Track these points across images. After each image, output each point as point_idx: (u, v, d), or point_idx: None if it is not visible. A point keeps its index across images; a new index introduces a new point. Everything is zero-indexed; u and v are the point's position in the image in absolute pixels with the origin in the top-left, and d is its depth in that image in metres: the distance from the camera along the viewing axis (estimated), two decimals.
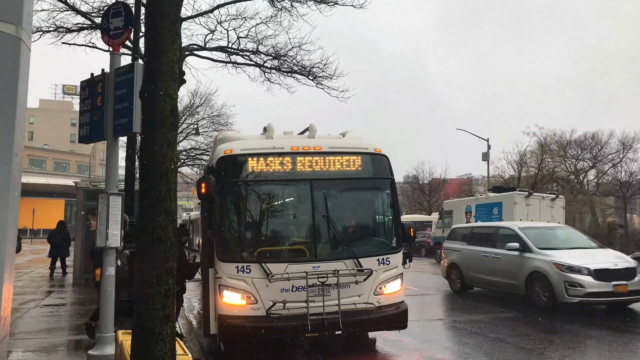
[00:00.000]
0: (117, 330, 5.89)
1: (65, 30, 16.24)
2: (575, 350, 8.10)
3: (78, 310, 10.96)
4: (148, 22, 4.36)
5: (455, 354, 7.73)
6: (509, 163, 42.13)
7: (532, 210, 21.79)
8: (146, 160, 4.17)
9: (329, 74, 17.16)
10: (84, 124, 6.71)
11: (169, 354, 4.05)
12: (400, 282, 7.60)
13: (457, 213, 26.86)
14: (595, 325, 9.80)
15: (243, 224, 7.61)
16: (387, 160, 7.84)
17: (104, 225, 6.19)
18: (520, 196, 22.12)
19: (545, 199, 22.77)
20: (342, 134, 8.61)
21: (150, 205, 4.11)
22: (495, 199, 24.07)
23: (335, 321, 6.80)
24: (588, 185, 44.34)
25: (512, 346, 8.03)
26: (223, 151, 7.39)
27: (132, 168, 10.47)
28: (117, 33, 6.50)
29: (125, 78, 6.17)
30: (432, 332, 9.32)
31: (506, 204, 22.70)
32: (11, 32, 2.57)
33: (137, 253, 4.37)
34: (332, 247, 7.49)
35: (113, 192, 6.29)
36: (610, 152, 41.80)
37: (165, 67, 4.16)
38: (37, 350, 7.56)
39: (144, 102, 4.23)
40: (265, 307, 6.83)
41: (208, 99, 33.15)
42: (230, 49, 17.54)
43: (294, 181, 7.56)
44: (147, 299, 4.02)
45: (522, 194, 22.33)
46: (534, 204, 22.03)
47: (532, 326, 9.72)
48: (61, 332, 8.87)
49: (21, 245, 11.87)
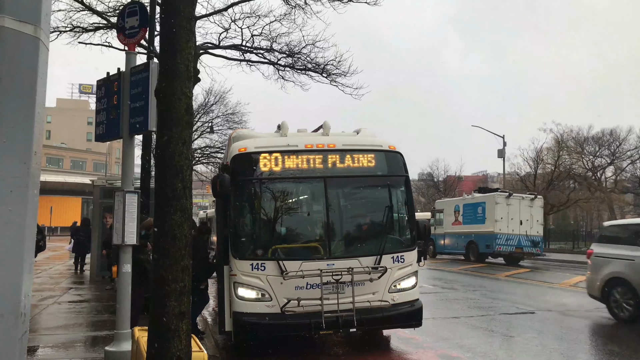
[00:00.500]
0: (134, 327, 5.95)
1: (82, 29, 16.44)
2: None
3: (95, 307, 11.10)
4: (163, 21, 4.38)
5: (470, 352, 7.69)
6: (525, 160, 41.72)
7: (512, 209, 23.53)
8: (162, 158, 4.20)
9: (343, 71, 17.15)
10: (100, 123, 6.78)
11: (184, 351, 4.08)
12: (415, 280, 7.57)
13: (447, 212, 27.91)
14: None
15: (257, 221, 7.63)
16: (402, 157, 7.81)
17: (120, 223, 6.25)
18: (502, 196, 23.88)
19: (525, 199, 24.28)
20: (356, 131, 8.58)
21: (165, 203, 4.14)
22: (479, 199, 25.47)
23: (349, 319, 6.80)
24: (606, 182, 43.78)
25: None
26: (237, 149, 7.42)
27: (147, 166, 10.55)
28: (133, 32, 6.55)
29: (141, 77, 6.22)
30: (446, 330, 9.27)
31: (489, 204, 24.29)
32: (30, 32, 2.60)
33: (152, 250, 4.41)
34: (346, 244, 7.49)
35: (129, 190, 6.35)
36: (629, 148, 41.31)
37: (180, 66, 4.19)
38: (56, 346, 7.66)
39: (160, 100, 4.26)
40: (279, 304, 6.85)
41: (222, 97, 33.25)
42: (244, 47, 17.59)
43: (308, 179, 7.57)
44: (163, 296, 4.05)
45: (503, 195, 24.10)
46: (514, 203, 23.69)
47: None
48: (79, 328, 8.98)
49: (46, 243, 12.10)
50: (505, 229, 23.59)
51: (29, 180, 2.59)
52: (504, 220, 23.63)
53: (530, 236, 23.68)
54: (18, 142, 2.54)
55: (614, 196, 40.51)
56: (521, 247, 23.48)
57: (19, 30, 2.57)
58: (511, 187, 43.61)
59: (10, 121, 2.52)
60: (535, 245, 23.84)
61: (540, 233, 24.32)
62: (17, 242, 2.54)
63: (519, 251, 23.64)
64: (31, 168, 2.60)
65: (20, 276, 2.54)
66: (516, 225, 23.45)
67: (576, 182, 41.66)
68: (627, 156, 41.73)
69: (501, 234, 23.53)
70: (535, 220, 23.86)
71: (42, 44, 2.68)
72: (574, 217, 49.41)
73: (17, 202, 2.53)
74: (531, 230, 23.76)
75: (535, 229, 23.89)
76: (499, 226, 23.53)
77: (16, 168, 2.53)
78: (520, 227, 23.49)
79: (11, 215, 2.50)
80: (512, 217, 23.23)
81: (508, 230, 23.60)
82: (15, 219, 2.52)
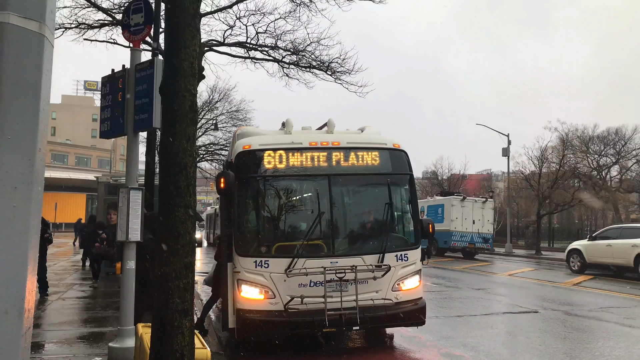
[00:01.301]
0: (137, 323, 5.97)
1: (87, 26, 16.45)
2: None
3: (99, 303, 11.14)
4: (168, 18, 4.37)
5: (473, 350, 7.68)
6: (530, 159, 41.42)
7: (466, 211, 27.47)
8: (166, 155, 4.20)
9: (348, 69, 17.14)
10: (105, 120, 6.79)
11: (187, 347, 4.08)
12: (418, 278, 7.56)
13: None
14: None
15: (261, 218, 7.64)
16: (406, 155, 7.80)
17: (124, 220, 6.27)
18: (457, 199, 27.68)
19: (477, 202, 28.44)
20: (360, 129, 8.57)
21: (169, 199, 4.14)
22: (439, 202, 29.23)
23: (352, 317, 6.80)
24: (611, 181, 43.53)
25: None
26: (242, 146, 7.42)
27: (152, 163, 10.56)
28: (138, 29, 6.56)
29: (146, 74, 6.23)
30: (449, 329, 9.26)
31: (446, 206, 27.95)
32: (35, 29, 2.61)
33: (156, 247, 4.42)
34: (350, 242, 7.48)
35: (133, 186, 6.36)
36: (635, 147, 41.04)
37: (185, 63, 4.18)
38: (60, 342, 7.70)
39: (164, 97, 4.26)
40: (283, 301, 6.86)
41: (227, 95, 33.36)
42: (249, 45, 17.58)
43: (312, 176, 7.56)
44: (167, 293, 4.06)
45: (458, 198, 27.99)
46: (467, 205, 27.69)
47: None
48: (83, 325, 9.02)
49: (52, 236, 12.33)
50: (460, 228, 27.44)
51: (34, 177, 2.59)
52: (458, 220, 27.47)
53: (481, 234, 27.65)
54: (22, 138, 2.54)
55: (619, 195, 40.29)
56: (473, 243, 27.40)
57: (24, 27, 2.57)
58: (515, 185, 43.55)
59: (15, 117, 2.53)
60: (486, 242, 27.86)
61: (490, 231, 28.28)
62: (22, 238, 2.54)
63: (471, 246, 27.46)
64: (35, 164, 2.60)
65: (25, 272, 2.55)
66: (469, 224, 27.36)
67: (581, 182, 41.47)
68: (632, 155, 41.47)
69: (456, 231, 27.40)
70: (486, 220, 27.89)
71: (46, 40, 2.68)
72: (579, 216, 49.22)
73: (22, 198, 2.53)
74: (482, 229, 27.72)
75: (486, 228, 27.89)
76: (454, 225, 27.37)
77: (20, 164, 2.53)
78: (472, 226, 27.43)
79: (15, 211, 2.50)
80: (465, 217, 27.11)
81: (462, 228, 27.49)
82: (19, 215, 2.52)
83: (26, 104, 2.58)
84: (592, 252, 19.17)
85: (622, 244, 17.90)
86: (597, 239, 19.20)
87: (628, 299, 13.21)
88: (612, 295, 13.97)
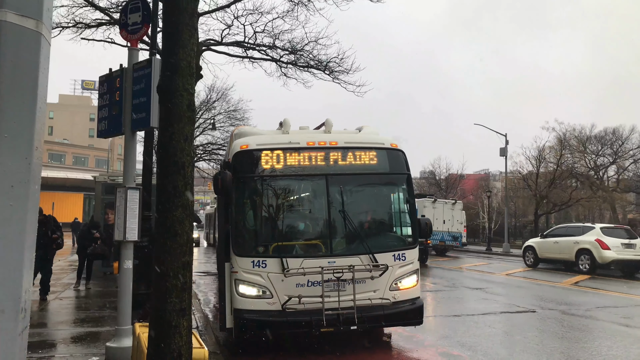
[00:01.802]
0: (135, 323, 5.96)
1: (84, 25, 16.39)
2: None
3: (96, 303, 11.11)
4: (166, 18, 4.37)
5: (471, 350, 7.68)
6: (527, 159, 41.67)
7: (437, 211, 28.74)
8: (163, 155, 4.19)
9: (346, 69, 17.09)
10: (102, 119, 6.78)
11: (185, 347, 4.08)
12: (416, 278, 7.57)
13: None
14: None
15: (259, 218, 7.63)
16: (404, 155, 7.80)
17: (121, 219, 6.26)
18: (429, 201, 28.95)
19: (447, 203, 29.98)
20: (358, 128, 8.56)
21: (167, 199, 4.13)
22: None
23: (350, 316, 6.80)
24: (608, 181, 43.64)
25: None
26: (239, 146, 7.41)
27: (149, 162, 10.54)
28: (135, 28, 6.55)
29: (143, 73, 6.22)
30: (447, 328, 9.27)
31: (419, 207, 28.14)
32: (31, 26, 2.59)
33: (154, 247, 4.41)
34: (347, 242, 7.48)
35: (131, 186, 6.35)
36: (632, 147, 41.13)
37: (182, 62, 4.17)
38: (57, 342, 7.68)
39: (162, 97, 4.25)
40: (280, 301, 6.85)
41: (225, 94, 33.27)
42: (246, 44, 17.55)
43: (309, 176, 7.55)
44: (164, 293, 4.05)
45: (430, 200, 29.33)
46: (438, 207, 29.05)
47: None
48: (80, 324, 8.99)
49: (62, 239, 11.74)
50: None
51: (30, 176, 2.58)
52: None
53: (451, 232, 29.33)
54: (19, 137, 2.53)
55: (616, 195, 40.37)
56: (444, 241, 29.23)
57: (21, 25, 2.56)
58: (513, 185, 43.59)
59: (12, 116, 2.51)
60: (455, 240, 29.61)
61: (459, 230, 29.78)
62: (18, 238, 2.53)
63: (442, 244, 29.29)
64: (32, 163, 2.59)
65: (21, 271, 2.54)
66: (440, 224, 28.62)
67: (578, 181, 41.57)
68: (629, 155, 41.57)
69: None
70: (456, 220, 29.49)
71: (43, 38, 2.67)
72: (576, 215, 49.31)
73: (18, 197, 2.52)
74: (452, 228, 29.37)
75: (455, 227, 29.45)
76: None
77: (17, 163, 2.52)
78: (443, 225, 28.89)
79: (12, 210, 2.49)
80: (437, 217, 28.33)
81: (433, 228, 27.48)
82: (16, 214, 2.51)
83: (23, 102, 2.57)
84: (543, 249, 21.75)
85: (567, 241, 20.43)
86: (548, 237, 21.77)
87: (625, 299, 13.26)
88: (610, 294, 14.02)
